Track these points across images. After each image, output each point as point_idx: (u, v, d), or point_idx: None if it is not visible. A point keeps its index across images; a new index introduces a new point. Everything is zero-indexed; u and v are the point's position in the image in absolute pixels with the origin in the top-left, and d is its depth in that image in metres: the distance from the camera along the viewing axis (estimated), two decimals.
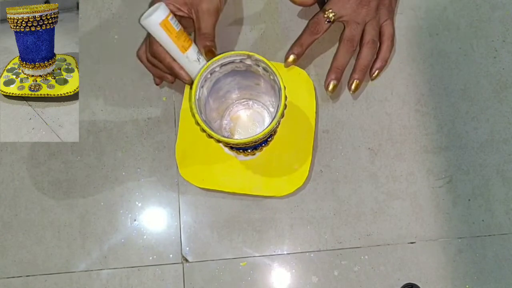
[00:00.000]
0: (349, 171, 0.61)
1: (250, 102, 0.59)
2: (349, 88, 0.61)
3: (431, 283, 0.59)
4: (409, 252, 0.59)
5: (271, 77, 0.50)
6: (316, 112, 0.61)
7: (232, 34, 0.64)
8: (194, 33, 0.55)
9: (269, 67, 0.49)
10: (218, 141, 0.50)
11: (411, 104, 0.63)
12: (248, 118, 0.60)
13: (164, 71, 0.56)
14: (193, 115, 0.50)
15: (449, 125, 0.62)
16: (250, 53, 0.49)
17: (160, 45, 0.52)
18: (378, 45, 0.61)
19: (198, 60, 0.52)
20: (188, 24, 0.56)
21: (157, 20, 0.49)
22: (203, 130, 0.49)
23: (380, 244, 0.60)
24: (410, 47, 0.64)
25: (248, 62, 0.50)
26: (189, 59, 0.52)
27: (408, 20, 0.65)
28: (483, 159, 0.61)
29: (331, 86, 0.60)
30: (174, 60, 0.53)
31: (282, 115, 0.50)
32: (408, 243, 0.60)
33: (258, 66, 0.50)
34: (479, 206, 0.60)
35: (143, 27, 0.50)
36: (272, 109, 0.57)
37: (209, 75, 0.51)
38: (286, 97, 0.49)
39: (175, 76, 0.54)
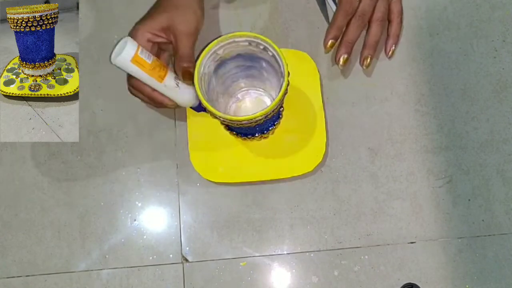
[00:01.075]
0: (349, 171, 0.61)
1: (255, 92, 0.59)
2: (362, 64, 0.61)
3: (431, 283, 0.59)
4: (409, 252, 0.59)
5: (271, 54, 0.50)
6: (322, 93, 0.61)
7: None
8: (174, 56, 0.55)
9: (270, 45, 0.49)
10: (224, 123, 0.50)
11: (411, 104, 0.63)
12: (252, 107, 0.59)
13: (149, 102, 0.56)
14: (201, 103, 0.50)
15: (449, 125, 0.62)
16: (246, 33, 0.50)
17: (136, 79, 0.52)
18: (387, 23, 0.62)
19: (177, 85, 0.52)
20: (168, 48, 0.55)
21: (128, 57, 0.48)
22: (208, 111, 0.49)
23: (380, 244, 0.60)
24: (410, 47, 0.64)
25: (248, 42, 0.50)
26: (168, 86, 0.51)
27: (408, 20, 0.65)
28: (483, 159, 0.61)
29: (342, 60, 0.60)
30: (154, 89, 0.52)
31: (286, 92, 0.50)
32: (408, 243, 0.60)
33: (259, 46, 0.50)
34: (479, 206, 0.60)
35: (115, 66, 0.49)
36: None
37: (212, 57, 0.51)
38: (289, 73, 0.49)
39: (159, 104, 0.54)
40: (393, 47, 0.62)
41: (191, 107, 0.55)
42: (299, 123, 0.60)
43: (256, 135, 0.58)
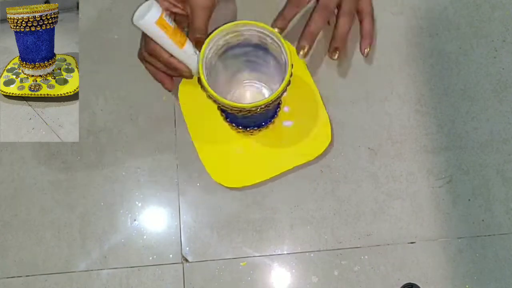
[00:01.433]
0: (349, 171, 0.61)
1: (257, 85, 0.59)
2: (331, 56, 0.59)
3: (431, 283, 0.59)
4: (409, 252, 0.59)
5: (276, 45, 0.50)
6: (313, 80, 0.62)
7: None
8: (188, 28, 0.55)
9: (272, 34, 0.50)
10: (226, 113, 0.49)
11: (411, 104, 0.63)
12: (252, 99, 0.60)
13: (163, 70, 0.56)
14: (199, 80, 0.50)
15: (449, 125, 0.62)
16: (252, 22, 0.50)
17: (156, 43, 0.52)
18: (355, 18, 0.59)
19: (195, 53, 0.52)
20: (183, 19, 0.56)
21: (153, 19, 0.49)
22: (208, 94, 0.49)
23: (380, 244, 0.60)
24: (410, 47, 0.64)
25: (251, 30, 0.51)
26: (187, 53, 0.52)
27: (408, 20, 0.65)
28: (483, 159, 0.61)
29: (302, 52, 0.57)
30: (172, 56, 0.53)
31: (289, 83, 0.50)
32: (408, 243, 0.60)
33: (263, 35, 0.51)
34: (479, 206, 0.60)
35: (137, 27, 0.50)
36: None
37: (218, 43, 0.51)
38: (292, 65, 0.49)
39: (175, 70, 0.54)
40: (368, 48, 0.59)
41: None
42: (298, 109, 0.61)
43: (255, 128, 0.58)
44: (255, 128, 0.59)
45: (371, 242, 0.59)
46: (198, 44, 0.53)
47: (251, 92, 0.60)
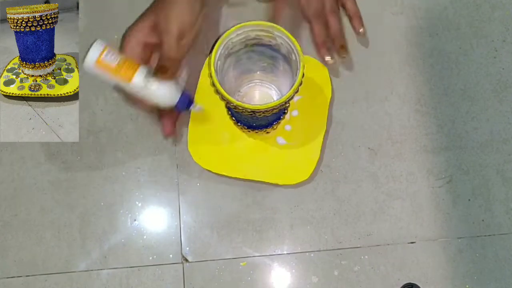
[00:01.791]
0: (349, 171, 0.61)
1: (266, 86, 0.60)
2: (341, 55, 0.62)
3: (431, 283, 0.59)
4: (409, 252, 0.59)
5: (289, 48, 0.51)
6: (331, 103, 0.62)
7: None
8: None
9: (288, 38, 0.50)
10: (230, 107, 0.51)
11: (411, 104, 0.63)
12: (259, 99, 0.60)
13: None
14: (210, 75, 0.50)
15: (449, 125, 0.62)
16: (268, 23, 0.50)
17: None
18: (340, 11, 0.62)
19: (145, 84, 0.52)
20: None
21: (91, 61, 0.50)
22: (218, 92, 0.50)
23: (380, 244, 0.60)
24: (410, 47, 0.64)
25: (265, 32, 0.51)
26: (137, 86, 0.52)
27: (408, 20, 0.65)
28: (483, 159, 0.61)
29: (331, 60, 0.61)
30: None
31: (297, 90, 0.50)
32: (408, 243, 0.60)
33: (274, 35, 0.51)
34: (479, 206, 0.60)
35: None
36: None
37: (230, 43, 0.51)
38: (303, 74, 0.50)
39: (136, 107, 0.55)
40: (362, 26, 0.62)
41: (171, 106, 0.55)
42: (297, 131, 0.61)
43: (260, 129, 0.58)
44: (257, 130, 0.59)
45: (371, 242, 0.59)
46: (160, 70, 0.52)
47: (260, 92, 0.60)
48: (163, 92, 0.53)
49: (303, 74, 0.49)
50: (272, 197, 0.60)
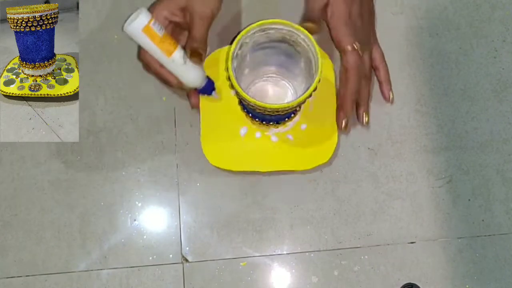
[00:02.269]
0: (349, 171, 0.61)
1: (281, 81, 0.60)
2: (362, 122, 0.60)
3: (431, 283, 0.59)
4: (409, 252, 0.59)
5: (307, 47, 0.51)
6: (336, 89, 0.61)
7: (231, 34, 0.64)
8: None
9: (307, 38, 0.50)
10: (244, 105, 0.51)
11: (411, 104, 0.63)
12: (273, 93, 0.60)
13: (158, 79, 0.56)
14: (227, 69, 0.51)
15: (449, 125, 0.62)
16: (293, 24, 0.50)
17: (147, 53, 0.53)
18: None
19: (185, 62, 0.53)
20: (185, 27, 0.56)
21: (139, 26, 0.50)
22: (233, 87, 0.50)
23: (380, 244, 0.60)
24: (410, 47, 0.64)
25: (285, 30, 0.51)
26: (175, 62, 0.52)
27: (408, 20, 0.65)
28: (483, 159, 0.61)
29: (366, 118, 0.60)
30: (162, 66, 0.53)
31: (315, 88, 0.50)
32: (408, 243, 0.60)
33: (295, 36, 0.51)
34: (479, 206, 0.60)
35: (127, 34, 0.51)
36: (300, 93, 0.56)
37: (247, 40, 0.51)
38: (321, 72, 0.50)
39: (165, 82, 0.55)
40: (391, 92, 0.61)
41: (196, 89, 0.56)
42: (316, 113, 0.60)
43: (271, 122, 0.58)
44: (271, 123, 0.59)
45: (371, 242, 0.59)
46: (194, 54, 0.53)
47: (274, 87, 0.60)
48: (196, 73, 0.54)
49: (320, 80, 0.50)
50: (272, 197, 0.60)
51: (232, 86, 0.51)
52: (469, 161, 0.61)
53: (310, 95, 0.50)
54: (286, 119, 0.59)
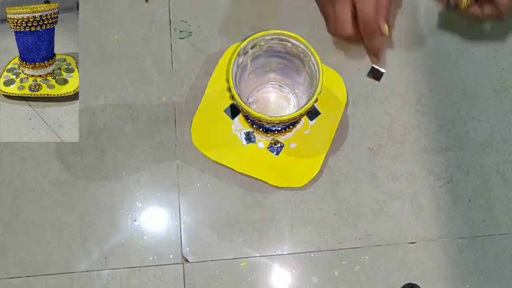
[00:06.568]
0: (349, 171, 0.61)
1: (282, 88, 0.60)
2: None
3: (431, 283, 0.59)
4: (409, 252, 0.59)
5: (307, 59, 0.51)
6: (343, 115, 0.62)
7: (231, 34, 0.64)
8: None
9: (309, 50, 0.51)
10: (247, 115, 0.51)
11: (411, 104, 0.63)
12: (275, 101, 0.60)
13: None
14: (229, 89, 0.51)
15: (449, 125, 0.62)
16: (288, 33, 0.51)
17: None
18: None
19: None
20: None
21: None
22: (233, 99, 0.50)
23: (380, 244, 0.60)
24: (410, 47, 0.64)
25: (285, 42, 0.51)
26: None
27: (408, 20, 0.65)
28: (483, 159, 0.61)
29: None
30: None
31: (312, 106, 0.50)
32: (408, 243, 0.60)
33: (295, 46, 0.51)
34: (479, 206, 0.60)
35: None
36: (303, 101, 0.57)
37: (249, 50, 0.52)
38: (322, 83, 0.50)
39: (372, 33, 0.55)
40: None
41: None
42: (306, 140, 0.61)
43: (272, 130, 0.59)
44: (270, 132, 0.59)
45: (371, 242, 0.60)
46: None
47: (276, 95, 0.60)
48: None
49: (321, 91, 0.50)
50: (272, 198, 0.60)
51: (232, 98, 0.50)
52: (469, 161, 0.61)
53: (308, 109, 0.50)
54: (286, 129, 0.59)
